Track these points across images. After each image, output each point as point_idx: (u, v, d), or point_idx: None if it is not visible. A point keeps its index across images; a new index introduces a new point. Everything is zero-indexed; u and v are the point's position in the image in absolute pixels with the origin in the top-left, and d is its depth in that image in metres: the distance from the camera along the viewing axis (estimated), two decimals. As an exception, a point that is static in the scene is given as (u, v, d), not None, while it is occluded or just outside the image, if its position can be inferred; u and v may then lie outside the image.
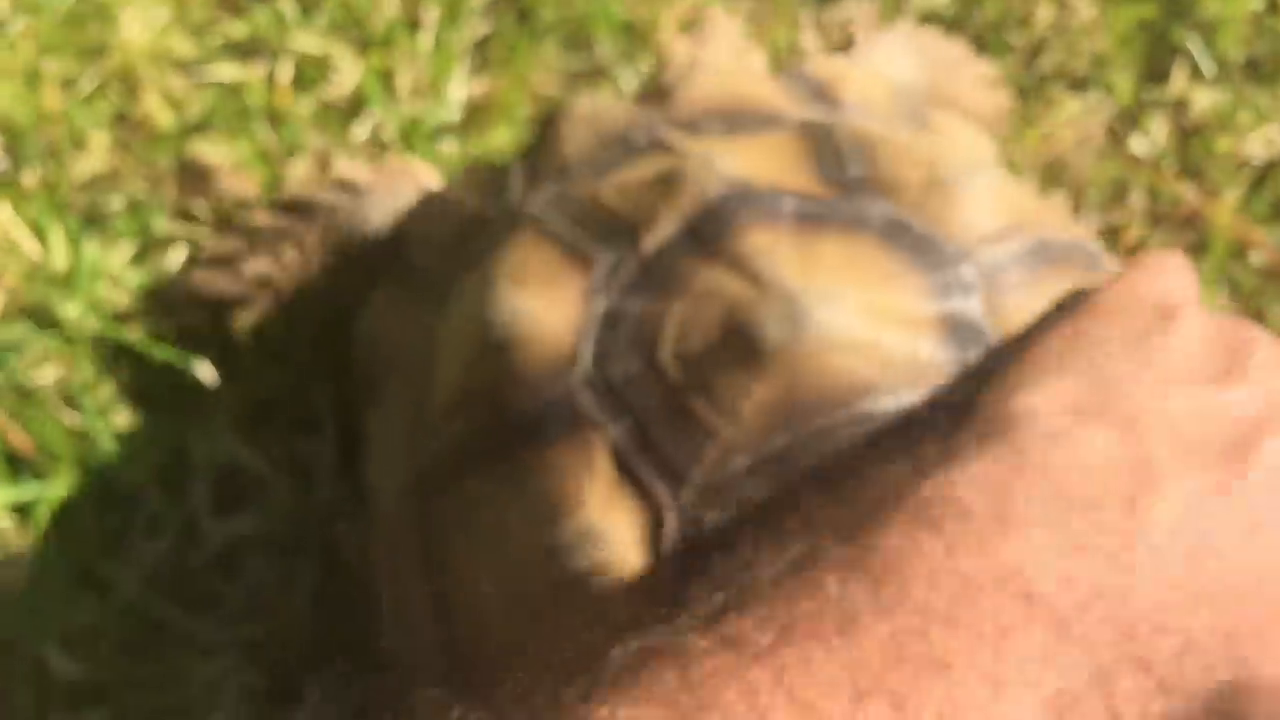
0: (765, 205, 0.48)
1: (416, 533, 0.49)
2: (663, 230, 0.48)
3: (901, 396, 0.43)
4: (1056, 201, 0.72)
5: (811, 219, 0.48)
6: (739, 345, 0.44)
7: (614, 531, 0.43)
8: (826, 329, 0.43)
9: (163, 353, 0.66)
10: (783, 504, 0.40)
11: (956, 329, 0.45)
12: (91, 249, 0.69)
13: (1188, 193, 0.73)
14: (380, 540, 0.53)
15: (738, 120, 0.56)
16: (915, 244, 0.47)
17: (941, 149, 0.53)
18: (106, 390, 0.66)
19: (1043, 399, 0.35)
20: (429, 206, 0.61)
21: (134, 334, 0.67)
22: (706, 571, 0.35)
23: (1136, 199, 0.73)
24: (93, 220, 0.71)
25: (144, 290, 0.69)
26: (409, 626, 0.49)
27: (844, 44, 0.77)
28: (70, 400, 0.66)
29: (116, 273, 0.69)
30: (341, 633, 0.63)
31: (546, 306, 0.48)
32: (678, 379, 0.44)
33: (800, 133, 0.53)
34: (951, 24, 0.79)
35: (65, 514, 0.65)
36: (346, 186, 0.64)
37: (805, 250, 0.46)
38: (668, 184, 0.50)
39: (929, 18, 0.80)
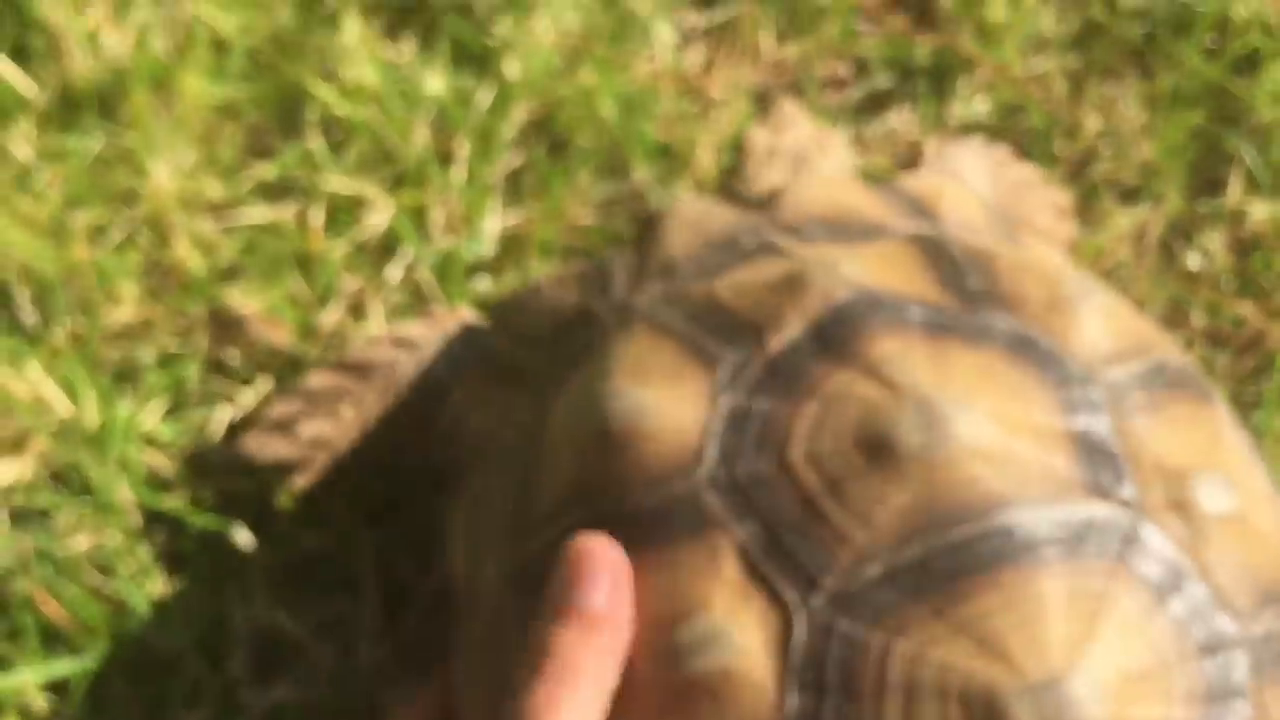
0: (893, 312, 0.47)
1: (524, 625, 0.47)
2: (789, 331, 0.48)
3: (1040, 513, 0.41)
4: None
5: (939, 328, 0.47)
6: (874, 449, 0.43)
7: (740, 634, 0.41)
8: (964, 438, 0.43)
9: (199, 519, 0.64)
10: None
11: (1088, 448, 0.44)
12: (124, 407, 0.67)
13: (1249, 312, 0.70)
14: (477, 634, 0.51)
15: (843, 229, 0.55)
16: (1041, 360, 0.47)
17: (1053, 268, 0.52)
18: (141, 556, 0.65)
19: None
20: (521, 300, 0.60)
21: (169, 499, 0.65)
22: None
23: (1196, 318, 0.71)
24: (124, 375, 0.69)
25: (178, 450, 0.67)
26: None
27: (910, 159, 0.75)
28: (104, 568, 0.65)
29: (149, 430, 0.67)
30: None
31: (670, 402, 0.47)
32: (809, 482, 0.43)
33: (912, 243, 0.53)
34: (994, 133, 0.77)
35: (101, 687, 0.63)
36: (403, 343, 0.63)
37: (936, 359, 0.46)
38: (790, 286, 0.49)
39: (970, 128, 0.78)
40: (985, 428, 0.43)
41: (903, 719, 0.39)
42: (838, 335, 0.46)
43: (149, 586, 0.64)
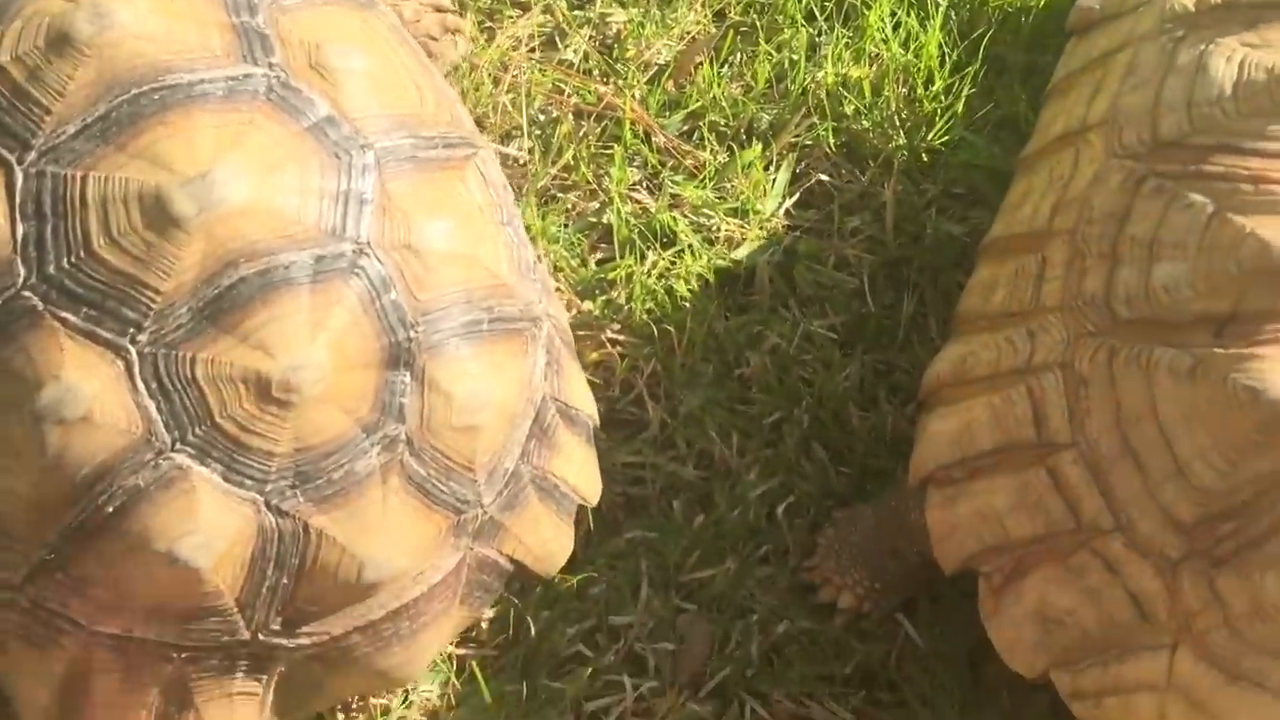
0: None
1: None
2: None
3: (199, 72, 0.61)
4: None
5: None
6: (57, 44, 0.61)
7: None
8: (128, 24, 0.61)
9: None
10: None
11: (245, 32, 0.64)
12: None
13: (606, 91, 0.95)
14: None
15: None
16: None
17: None
18: None
19: None
20: None
21: None
22: None
23: (571, 96, 0.95)
24: None
25: None
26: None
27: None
28: None
29: None
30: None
31: None
32: (16, 73, 0.61)
33: None
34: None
35: None
36: None
37: None
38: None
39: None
40: (146, 15, 0.62)
41: (100, 225, 0.59)
42: None
43: None
